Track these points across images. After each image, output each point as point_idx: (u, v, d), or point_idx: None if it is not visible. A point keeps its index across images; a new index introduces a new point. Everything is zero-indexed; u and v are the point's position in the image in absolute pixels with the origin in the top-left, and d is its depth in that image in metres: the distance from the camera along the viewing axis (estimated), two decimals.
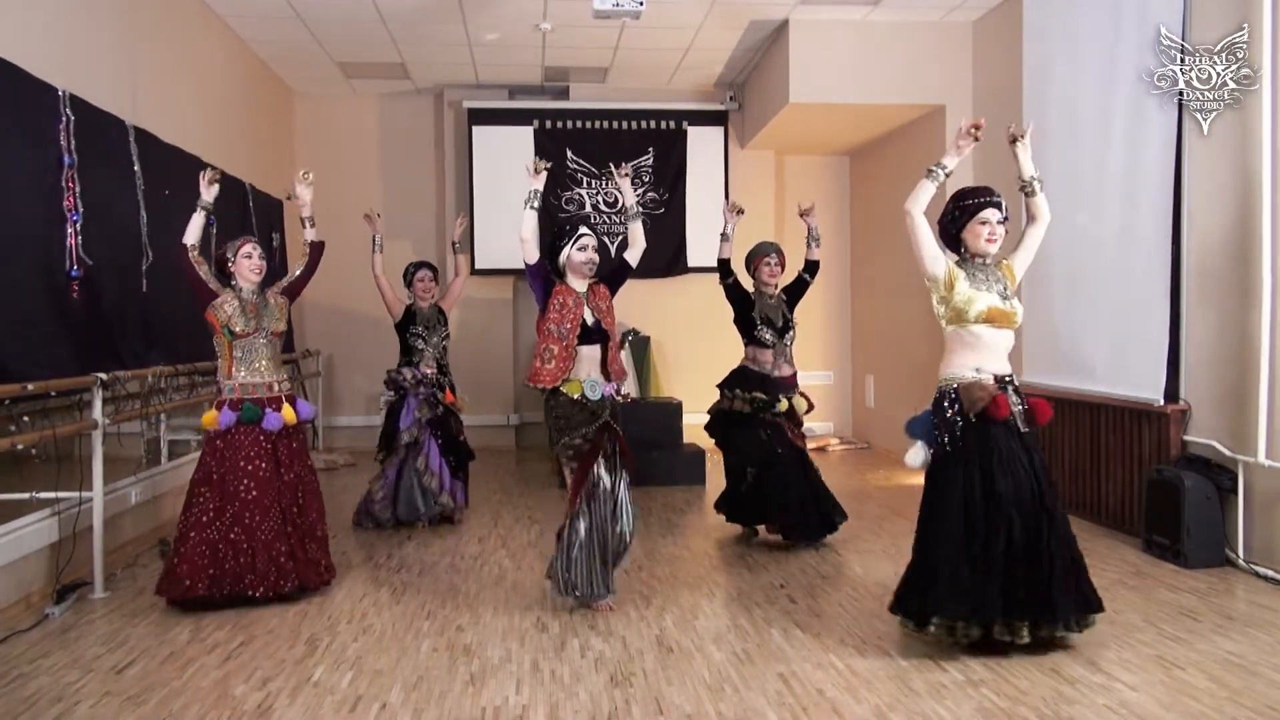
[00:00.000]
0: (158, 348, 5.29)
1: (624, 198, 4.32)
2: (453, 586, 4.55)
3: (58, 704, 3.18)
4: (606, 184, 9.03)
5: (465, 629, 3.92)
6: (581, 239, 4.06)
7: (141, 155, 5.25)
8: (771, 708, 3.13)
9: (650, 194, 9.11)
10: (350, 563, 4.99)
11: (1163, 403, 5.10)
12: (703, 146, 9.18)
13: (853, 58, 7.34)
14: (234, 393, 4.22)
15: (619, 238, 9.05)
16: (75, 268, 4.50)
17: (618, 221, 9.09)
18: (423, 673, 3.44)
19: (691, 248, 9.12)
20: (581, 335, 4.01)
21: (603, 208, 9.14)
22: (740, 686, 3.31)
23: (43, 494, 4.28)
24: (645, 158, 9.12)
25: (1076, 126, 5.77)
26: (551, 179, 9.20)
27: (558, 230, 4.17)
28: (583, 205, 9.11)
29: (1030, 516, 3.45)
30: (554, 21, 7.28)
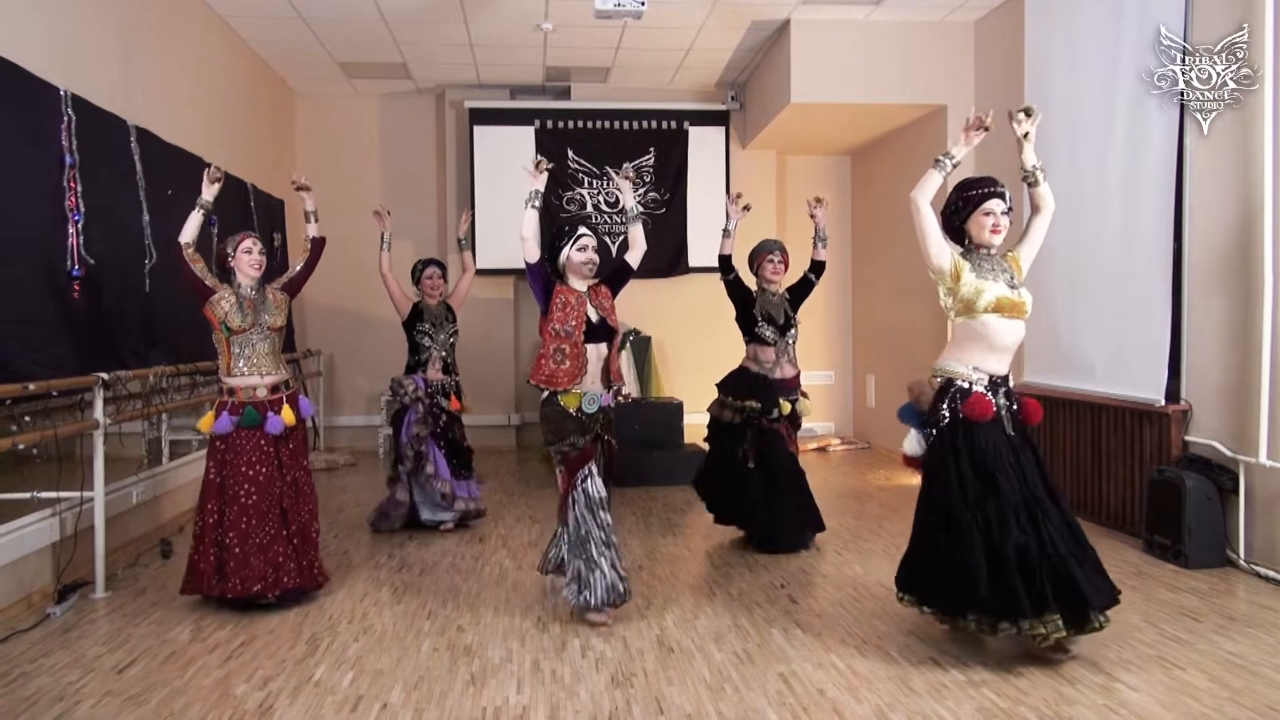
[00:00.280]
0: (159, 347, 5.29)
1: (624, 199, 4.29)
2: (453, 586, 4.55)
3: (59, 703, 3.19)
4: (608, 184, 9.01)
5: (466, 629, 3.92)
6: (580, 239, 4.01)
7: (143, 155, 5.25)
8: (772, 708, 3.13)
9: (651, 194, 9.11)
10: (351, 563, 5.00)
11: (1164, 403, 5.10)
12: (704, 146, 9.18)
13: (854, 57, 7.34)
14: (234, 395, 4.18)
15: (620, 237, 9.05)
16: (77, 267, 4.51)
17: (619, 221, 9.08)
18: (423, 673, 3.45)
19: (693, 248, 9.12)
20: (587, 333, 3.95)
21: (604, 208, 9.14)
22: (741, 686, 3.31)
23: (44, 494, 4.28)
24: (646, 158, 9.12)
25: (1078, 126, 5.77)
26: (552, 179, 9.18)
27: (557, 231, 4.13)
28: (584, 205, 9.11)
29: (1036, 514, 3.41)
30: (555, 21, 7.28)
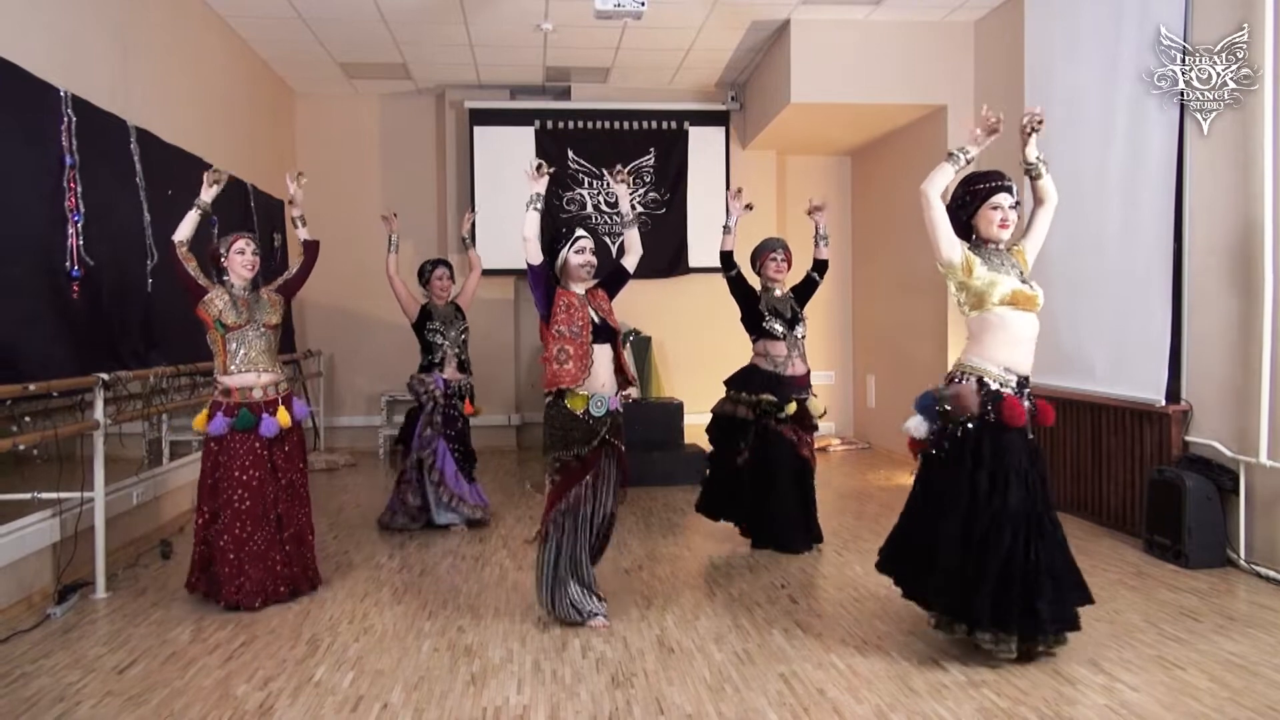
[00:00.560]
0: (160, 348, 5.29)
1: (620, 203, 4.25)
2: (454, 587, 4.55)
3: (59, 704, 3.19)
4: (608, 184, 9.01)
5: (466, 629, 3.92)
6: (578, 242, 3.99)
7: (143, 155, 5.26)
8: (772, 708, 3.13)
9: (651, 194, 9.11)
10: (351, 563, 5.00)
11: (1164, 403, 5.10)
12: (704, 147, 9.18)
13: (854, 57, 7.34)
14: (230, 395, 4.17)
15: (620, 238, 9.03)
16: (76, 268, 4.51)
17: (618, 222, 9.05)
18: (424, 673, 3.45)
19: (693, 248, 9.12)
20: (593, 334, 3.91)
21: (604, 208, 9.14)
22: (741, 687, 3.31)
23: (44, 494, 4.28)
24: (646, 158, 9.12)
25: (1078, 126, 5.77)
26: (553, 180, 9.14)
27: (555, 234, 4.11)
28: (584, 205, 9.11)
29: (1032, 529, 3.38)
30: (555, 22, 7.28)
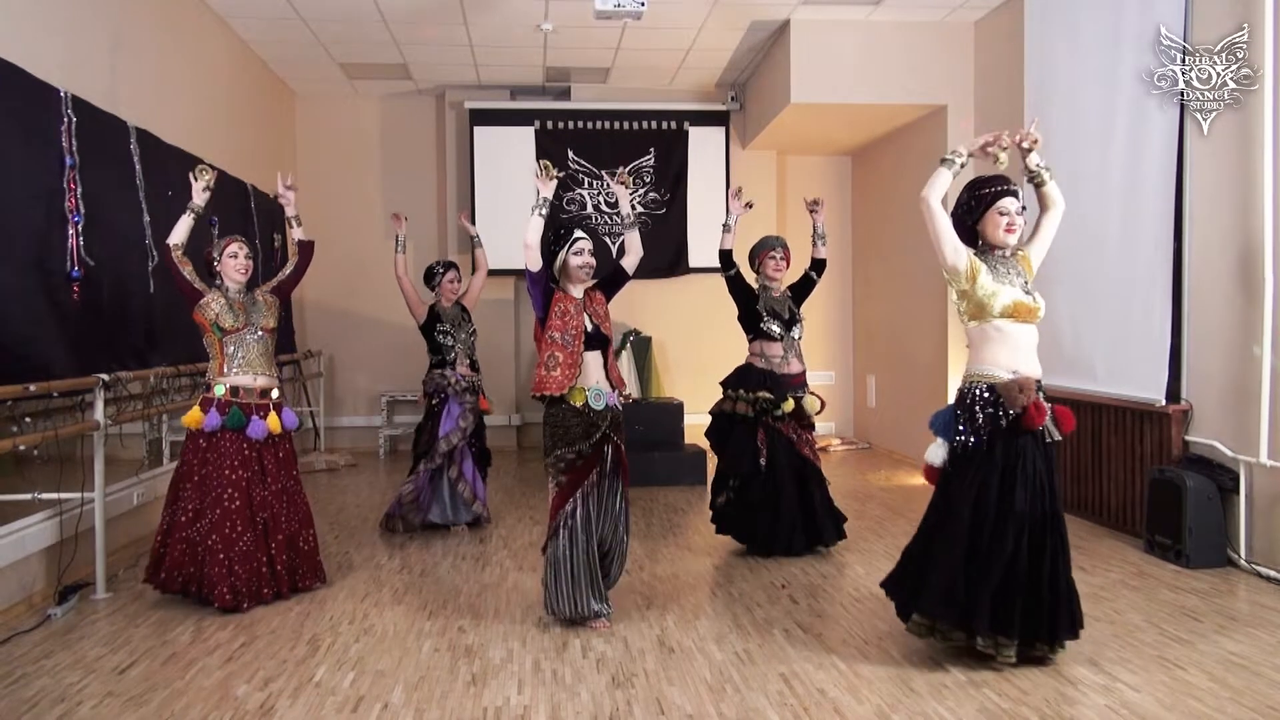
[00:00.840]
0: (160, 348, 5.29)
1: (621, 206, 4.23)
2: (454, 587, 4.55)
3: (60, 704, 3.19)
4: (608, 185, 9.01)
5: (467, 629, 3.92)
6: (577, 243, 3.96)
7: (143, 156, 5.26)
8: (773, 708, 3.13)
9: (652, 194, 9.11)
10: (352, 563, 5.00)
11: (1164, 403, 5.11)
12: (704, 147, 9.18)
13: (854, 58, 7.34)
14: (224, 394, 4.15)
15: (621, 238, 9.03)
16: (76, 268, 4.51)
17: (619, 222, 9.05)
18: (424, 673, 3.45)
19: (693, 248, 9.11)
20: (585, 342, 3.92)
21: (604, 208, 9.14)
22: (742, 687, 3.31)
23: (45, 495, 4.28)
24: (647, 158, 9.13)
25: (1078, 126, 5.77)
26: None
27: (554, 235, 4.07)
28: (584, 206, 9.11)
29: (1038, 534, 3.33)
30: (555, 22, 7.28)
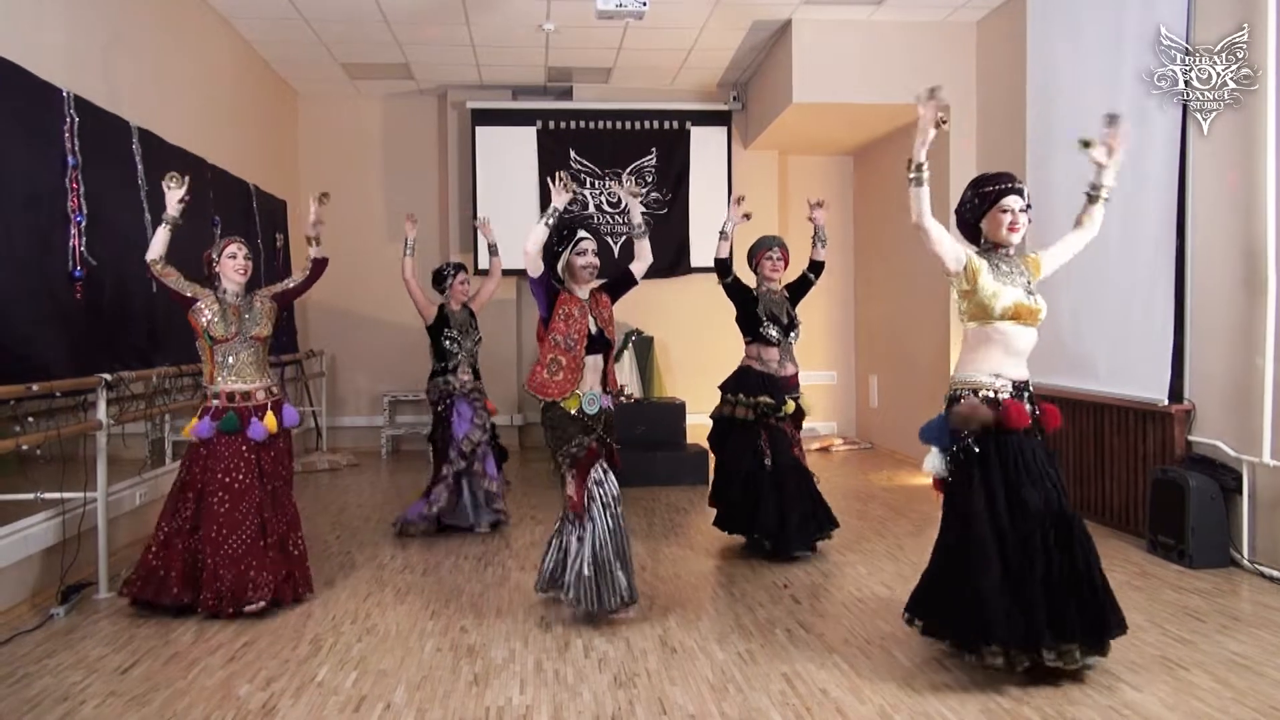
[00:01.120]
0: (163, 348, 5.30)
1: (631, 214, 4.21)
2: (456, 587, 4.55)
3: (62, 704, 3.19)
4: (610, 184, 9.02)
5: (469, 629, 3.92)
6: (580, 243, 3.97)
7: (145, 156, 5.26)
8: (775, 708, 3.13)
9: (653, 194, 9.11)
10: (354, 563, 5.00)
11: (1167, 403, 5.10)
12: (706, 147, 9.17)
13: (856, 57, 7.33)
14: (219, 400, 4.11)
15: (622, 238, 9.05)
16: (79, 268, 4.52)
17: (620, 222, 9.09)
18: (426, 673, 3.45)
19: (694, 248, 9.11)
20: (587, 345, 3.93)
21: (606, 208, 9.13)
22: (744, 686, 3.31)
23: (47, 494, 4.29)
24: (648, 158, 9.12)
25: (1080, 126, 5.72)
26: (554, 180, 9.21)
27: (556, 235, 4.04)
28: (586, 206, 9.10)
29: (1062, 533, 3.23)
30: (557, 22, 7.28)
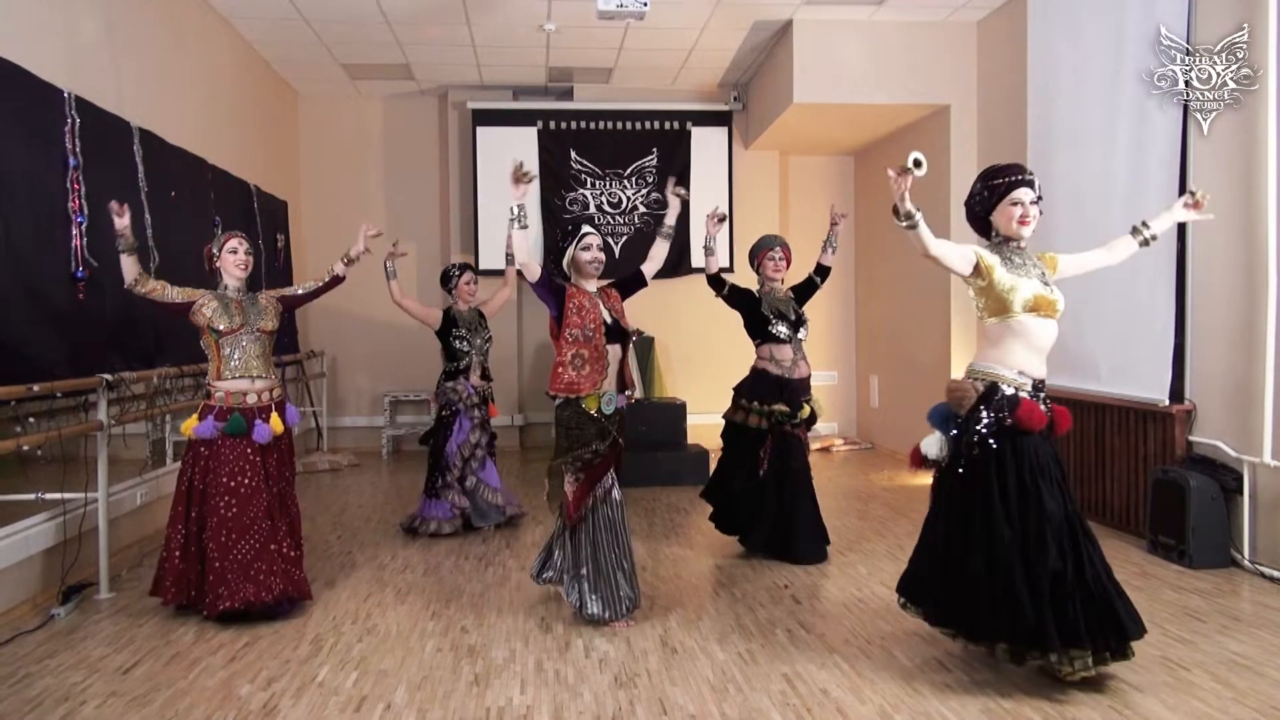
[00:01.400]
0: (164, 349, 5.30)
1: (667, 216, 4.18)
2: (457, 587, 4.55)
3: (64, 704, 3.19)
4: (610, 184, 9.03)
5: (470, 630, 3.93)
6: (585, 239, 3.93)
7: (145, 157, 5.26)
8: (776, 708, 3.13)
9: (654, 194, 9.11)
10: (354, 563, 5.00)
11: (1168, 403, 5.10)
12: (707, 147, 9.17)
13: (857, 58, 7.34)
14: (223, 400, 4.07)
15: (623, 238, 9.05)
16: (81, 269, 4.52)
17: (621, 222, 9.09)
18: (427, 673, 3.45)
19: (695, 249, 9.04)
20: (606, 334, 3.88)
21: (606, 208, 9.13)
22: (744, 687, 3.31)
23: (48, 495, 4.29)
24: (649, 158, 9.12)
25: (1081, 125, 5.76)
26: (555, 180, 9.24)
27: (561, 232, 4.08)
28: (586, 206, 9.10)
29: (1071, 535, 3.20)
30: (558, 22, 7.28)
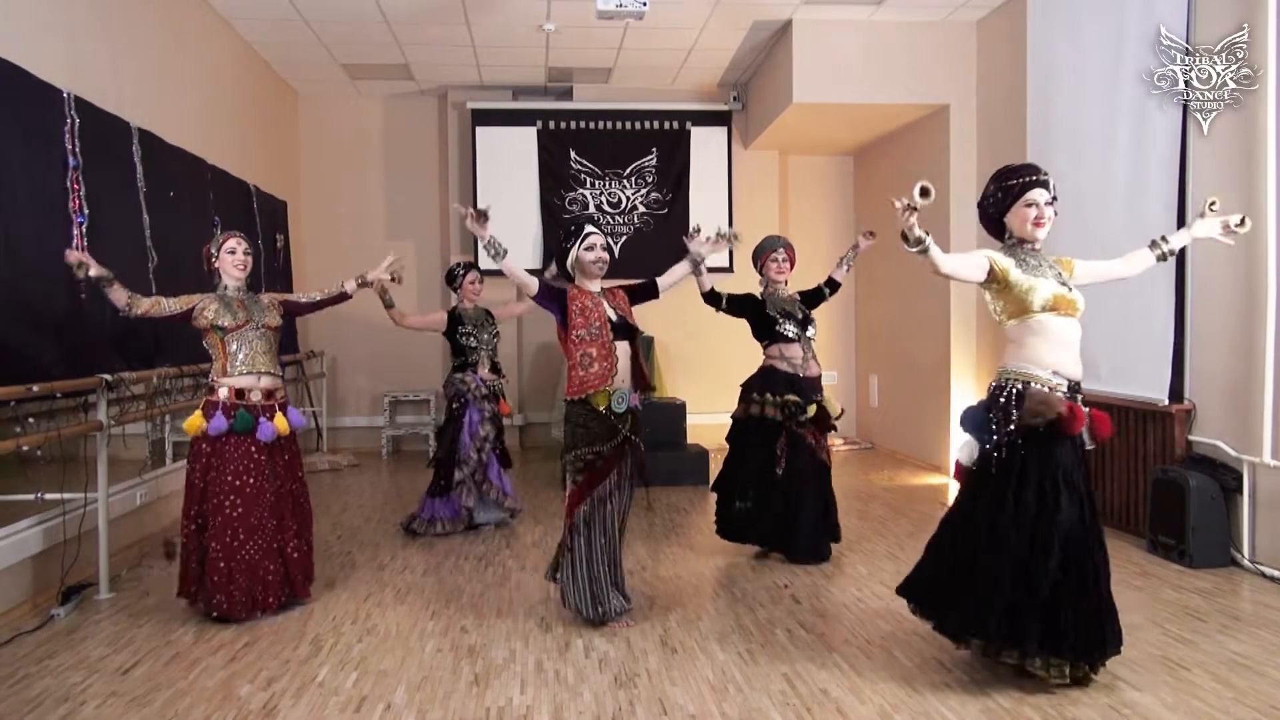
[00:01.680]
0: (165, 350, 5.30)
1: (705, 250, 4.15)
2: (457, 587, 4.55)
3: (64, 704, 3.19)
4: (610, 184, 9.03)
5: (469, 630, 3.93)
6: (589, 238, 3.88)
7: (145, 157, 5.26)
8: (776, 708, 3.13)
9: (654, 194, 9.11)
10: (354, 563, 5.00)
11: (1168, 402, 5.10)
12: (706, 147, 9.17)
13: (856, 57, 7.34)
14: (227, 396, 4.02)
15: (623, 238, 9.05)
16: None
17: (621, 222, 9.09)
18: (427, 673, 3.45)
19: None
20: (612, 332, 3.81)
21: (606, 208, 9.13)
22: (744, 686, 3.31)
23: (48, 495, 4.29)
24: (649, 158, 9.12)
25: (1081, 125, 5.76)
26: (555, 180, 9.25)
27: (563, 232, 4.01)
28: (586, 206, 9.10)
29: (1081, 546, 3.14)
30: (557, 22, 7.28)
